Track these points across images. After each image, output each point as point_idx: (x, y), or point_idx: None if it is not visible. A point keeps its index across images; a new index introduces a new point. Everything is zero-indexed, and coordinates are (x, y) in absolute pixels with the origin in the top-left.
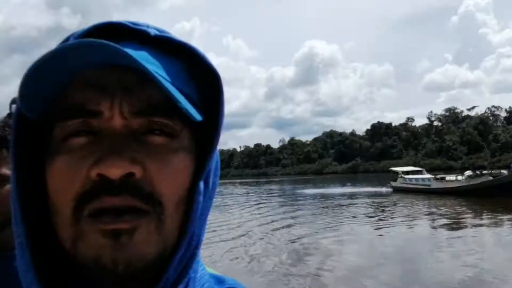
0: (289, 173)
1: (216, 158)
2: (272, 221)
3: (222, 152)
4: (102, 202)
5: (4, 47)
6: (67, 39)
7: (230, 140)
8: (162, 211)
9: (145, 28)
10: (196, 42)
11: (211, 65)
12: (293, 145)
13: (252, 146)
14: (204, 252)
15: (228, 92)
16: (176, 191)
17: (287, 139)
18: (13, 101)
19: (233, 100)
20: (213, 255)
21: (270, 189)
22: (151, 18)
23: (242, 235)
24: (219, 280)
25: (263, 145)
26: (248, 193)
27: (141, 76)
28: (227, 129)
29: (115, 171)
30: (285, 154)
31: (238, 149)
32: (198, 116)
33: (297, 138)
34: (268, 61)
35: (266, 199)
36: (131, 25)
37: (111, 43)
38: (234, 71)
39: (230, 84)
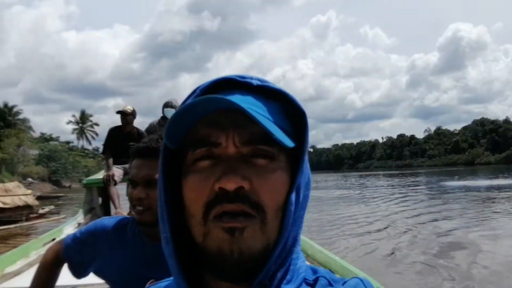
0: (436, 164)
1: (307, 175)
2: (417, 214)
3: (363, 143)
4: (222, 207)
5: (152, 53)
6: (195, 91)
7: (371, 131)
8: (265, 216)
9: (249, 80)
10: (332, 35)
11: (299, 105)
12: (439, 135)
13: (395, 136)
14: (343, 243)
15: (367, 83)
16: (275, 201)
17: (433, 128)
18: (165, 105)
19: (373, 91)
20: (355, 245)
21: (415, 181)
22: (287, 15)
23: (385, 228)
24: (314, 270)
25: (407, 136)
26: (392, 185)
27: (247, 116)
28: (367, 120)
29: (231, 185)
30: (431, 144)
31: (380, 140)
32: (290, 144)
33: (444, 127)
34: (409, 48)
35: (410, 192)
36: (239, 78)
37: (225, 97)
38: (373, 60)
39: (369, 75)
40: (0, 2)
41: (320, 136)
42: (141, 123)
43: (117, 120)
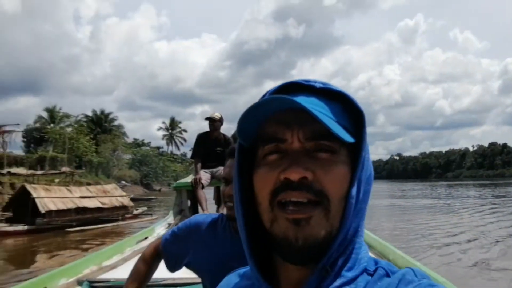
0: None
1: (369, 170)
2: (510, 226)
3: (453, 152)
4: (286, 195)
5: (239, 60)
6: (265, 94)
7: (461, 139)
8: (329, 203)
9: (313, 83)
10: (419, 39)
11: (358, 105)
12: None
13: (486, 145)
14: (429, 251)
15: (457, 89)
16: (338, 191)
17: None
18: None
19: (463, 97)
20: (441, 253)
21: (508, 191)
22: (373, 20)
23: (474, 238)
24: (376, 262)
25: (499, 144)
26: (481, 195)
27: (310, 114)
28: (457, 128)
29: (295, 175)
30: None
31: (471, 149)
32: (349, 139)
33: None
34: (501, 52)
35: (502, 203)
36: (304, 82)
37: (289, 97)
38: (463, 65)
39: (459, 80)
40: (97, 14)
41: (407, 144)
42: (227, 129)
43: (204, 127)
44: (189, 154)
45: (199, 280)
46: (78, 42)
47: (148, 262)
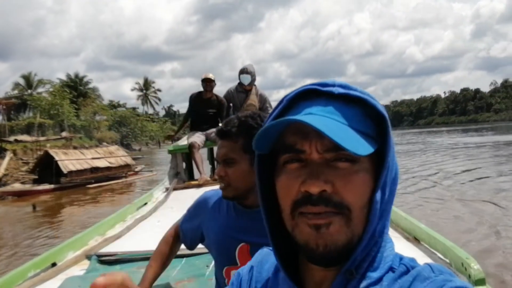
0: (503, 119)
1: (395, 169)
2: (485, 177)
3: (424, 99)
4: (306, 208)
5: (206, 15)
6: (282, 101)
7: (433, 85)
8: (350, 213)
9: (331, 88)
10: None
11: (380, 109)
12: (507, 88)
13: (458, 91)
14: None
15: (428, 34)
16: (359, 200)
17: (499, 81)
18: (241, 71)
19: (434, 43)
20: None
21: (481, 137)
22: None
23: (452, 188)
24: (400, 258)
25: (471, 90)
26: (455, 143)
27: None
28: (428, 74)
29: (314, 189)
30: (497, 98)
31: (443, 95)
32: (362, 152)
33: None
34: None
35: (475, 149)
36: (320, 88)
37: (297, 118)
38: (434, 10)
39: (430, 26)
40: None
41: (379, 93)
42: (196, 86)
43: (174, 84)
44: (162, 113)
45: (206, 250)
46: (42, 4)
47: (169, 243)
